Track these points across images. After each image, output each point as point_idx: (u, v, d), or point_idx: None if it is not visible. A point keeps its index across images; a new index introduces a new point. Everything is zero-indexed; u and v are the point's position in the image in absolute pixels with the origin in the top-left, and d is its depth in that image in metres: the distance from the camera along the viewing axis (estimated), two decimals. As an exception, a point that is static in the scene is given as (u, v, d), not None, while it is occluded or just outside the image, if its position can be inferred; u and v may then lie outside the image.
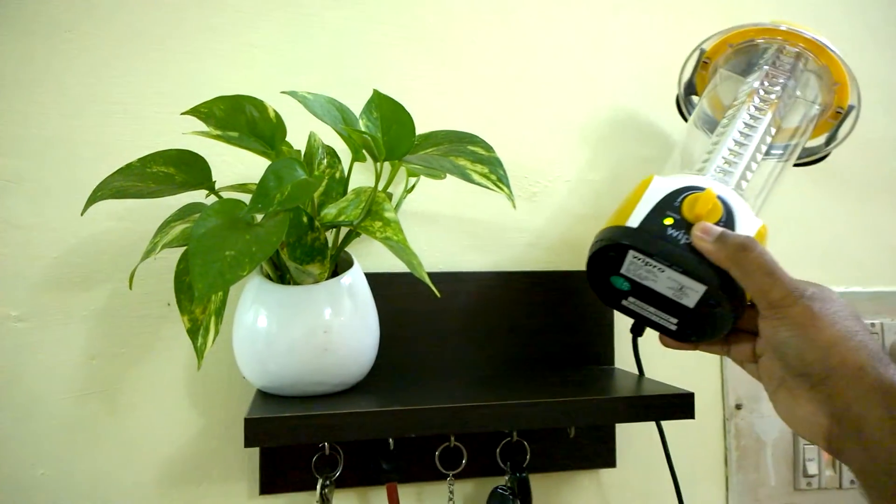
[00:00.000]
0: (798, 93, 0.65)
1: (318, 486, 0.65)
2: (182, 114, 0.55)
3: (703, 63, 0.71)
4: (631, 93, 0.79)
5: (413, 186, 0.69)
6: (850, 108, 0.61)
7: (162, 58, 0.69)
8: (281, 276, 0.61)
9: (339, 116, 0.59)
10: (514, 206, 0.56)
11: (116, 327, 0.67)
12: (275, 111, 0.56)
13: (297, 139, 0.61)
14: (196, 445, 0.68)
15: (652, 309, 0.59)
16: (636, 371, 0.69)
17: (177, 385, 0.68)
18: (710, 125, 0.72)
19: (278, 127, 0.56)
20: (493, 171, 0.54)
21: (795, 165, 0.71)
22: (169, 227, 0.57)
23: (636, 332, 0.65)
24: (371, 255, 0.72)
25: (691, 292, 0.54)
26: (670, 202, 0.55)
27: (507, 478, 0.70)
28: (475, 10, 0.76)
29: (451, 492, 0.69)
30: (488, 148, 0.56)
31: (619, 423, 0.74)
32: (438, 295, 0.54)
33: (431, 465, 0.69)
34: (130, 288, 0.62)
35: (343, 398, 0.59)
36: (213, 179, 0.58)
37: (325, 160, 0.62)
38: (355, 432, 0.54)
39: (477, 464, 0.70)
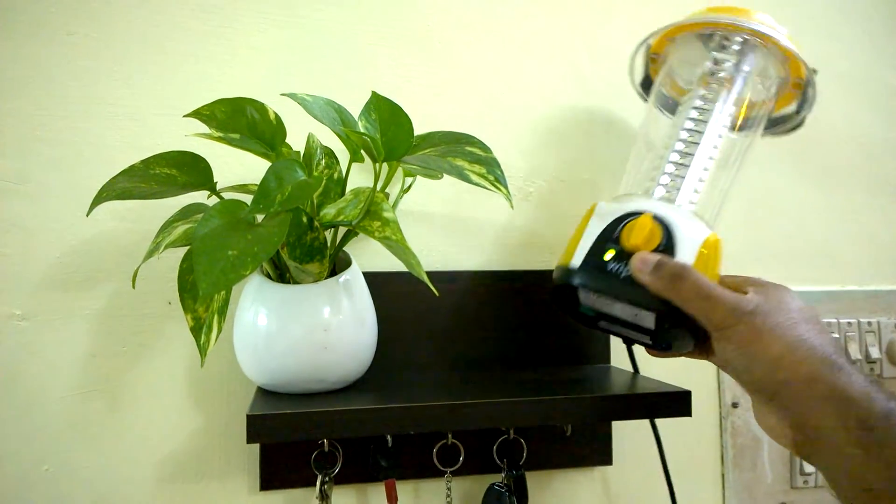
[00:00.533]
0: (747, 67, 0.65)
1: (318, 483, 0.66)
2: (184, 116, 0.56)
3: (653, 58, 0.71)
4: (625, 92, 0.80)
5: (410, 186, 0.70)
6: (811, 72, 0.61)
7: (162, 61, 0.70)
8: (281, 275, 0.62)
9: (338, 118, 0.60)
10: (512, 206, 0.57)
11: (118, 326, 0.68)
12: (275, 113, 0.57)
13: (295, 141, 0.61)
14: (197, 442, 0.68)
15: (624, 329, 0.61)
16: (632, 369, 0.70)
17: (177, 383, 0.68)
18: (670, 107, 0.72)
19: (278, 129, 0.57)
20: (491, 171, 0.55)
21: (774, 135, 0.71)
22: (171, 228, 0.58)
23: (626, 343, 0.67)
24: (368, 255, 0.72)
25: (646, 317, 0.56)
26: (610, 233, 0.56)
27: (503, 475, 0.71)
28: (471, 11, 0.77)
29: (449, 488, 0.70)
30: (486, 149, 0.57)
31: (617, 420, 0.75)
32: (437, 294, 0.55)
33: (429, 462, 0.70)
34: (133, 287, 0.62)
35: (342, 395, 0.60)
36: (215, 180, 0.58)
37: (324, 161, 0.63)
38: (354, 429, 0.55)
39: (474, 461, 0.71)
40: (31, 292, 0.66)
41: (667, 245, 0.54)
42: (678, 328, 0.55)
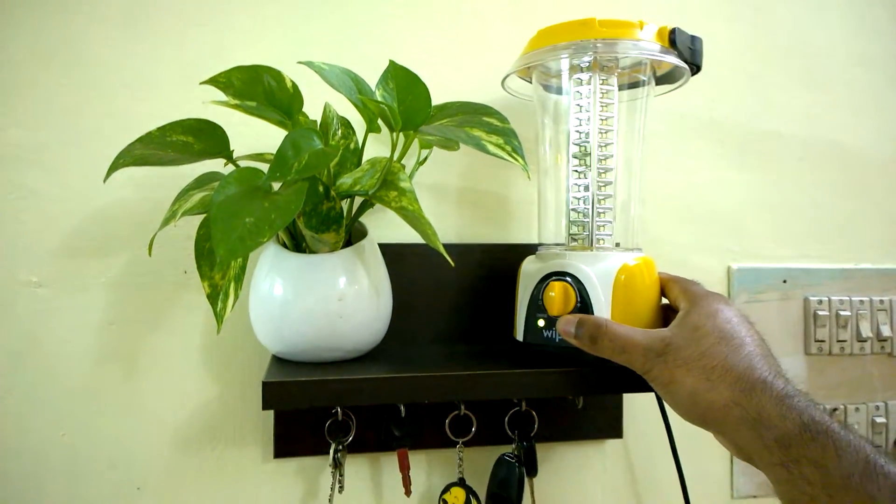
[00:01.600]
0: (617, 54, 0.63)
1: (331, 451, 0.66)
2: (201, 83, 0.55)
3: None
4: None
5: (426, 159, 0.70)
6: (673, 31, 0.60)
7: (178, 30, 0.70)
8: (297, 244, 0.62)
9: (354, 87, 0.60)
10: (529, 177, 0.57)
11: (134, 294, 0.68)
12: (292, 81, 0.57)
13: (311, 111, 0.61)
14: (212, 410, 0.69)
15: None
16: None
17: (193, 351, 0.69)
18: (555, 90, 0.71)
19: (295, 97, 0.57)
20: (508, 142, 0.54)
21: (674, 88, 0.70)
22: (188, 195, 0.58)
23: None
24: (383, 227, 0.73)
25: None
26: (536, 300, 0.61)
27: (514, 446, 0.71)
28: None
29: (461, 458, 0.71)
30: (503, 119, 0.56)
31: (627, 392, 0.75)
32: (452, 264, 0.55)
33: (441, 433, 0.70)
34: (150, 255, 0.63)
35: (356, 365, 0.60)
36: (231, 148, 0.58)
37: (340, 131, 0.63)
38: (368, 397, 0.56)
39: (486, 432, 0.72)
40: (48, 260, 0.67)
41: (582, 299, 0.58)
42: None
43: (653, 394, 0.74)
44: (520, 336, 0.63)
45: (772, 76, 0.85)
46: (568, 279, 0.59)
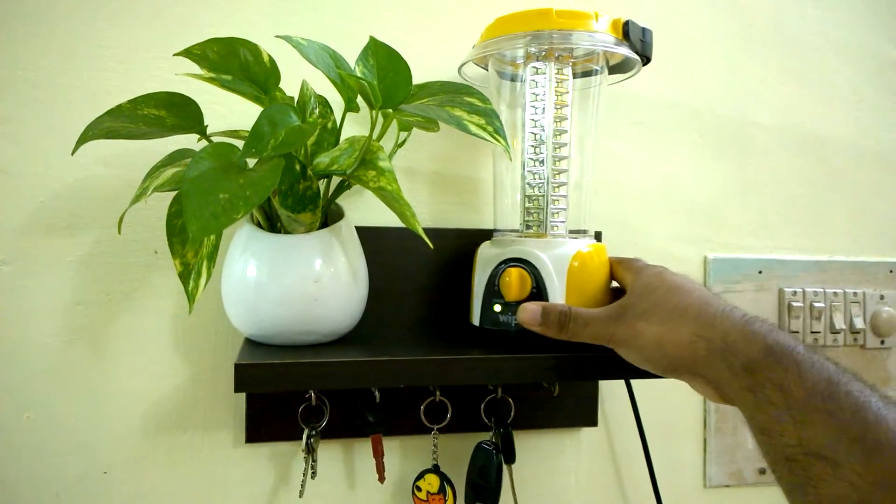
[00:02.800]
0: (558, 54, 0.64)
1: (304, 436, 0.65)
2: (175, 55, 0.54)
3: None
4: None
5: (404, 141, 0.69)
6: (626, 23, 0.62)
7: (151, 2, 0.68)
8: (272, 225, 0.60)
9: (333, 64, 0.58)
10: (511, 158, 0.56)
11: (103, 274, 0.66)
12: (269, 56, 0.55)
13: (288, 88, 0.60)
14: (182, 393, 0.68)
15: None
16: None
17: (163, 333, 0.67)
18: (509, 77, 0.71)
19: (272, 72, 0.56)
20: (490, 122, 0.53)
21: (626, 78, 0.71)
22: (159, 172, 0.57)
23: None
24: (360, 210, 0.71)
25: None
26: (492, 286, 0.61)
27: (491, 433, 0.71)
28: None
29: (435, 445, 0.70)
30: (485, 100, 0.55)
31: (601, 379, 0.75)
32: (431, 246, 0.54)
33: (416, 419, 0.70)
34: (119, 232, 0.61)
35: (331, 348, 0.59)
36: (206, 123, 0.57)
37: (318, 110, 0.62)
38: (342, 381, 0.55)
39: (461, 419, 0.71)
40: (14, 237, 0.64)
41: (538, 284, 0.59)
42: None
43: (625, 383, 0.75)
44: (476, 321, 0.64)
45: (752, 68, 0.85)
46: (524, 265, 0.60)
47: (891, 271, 0.88)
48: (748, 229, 0.84)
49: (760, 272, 0.84)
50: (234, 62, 0.54)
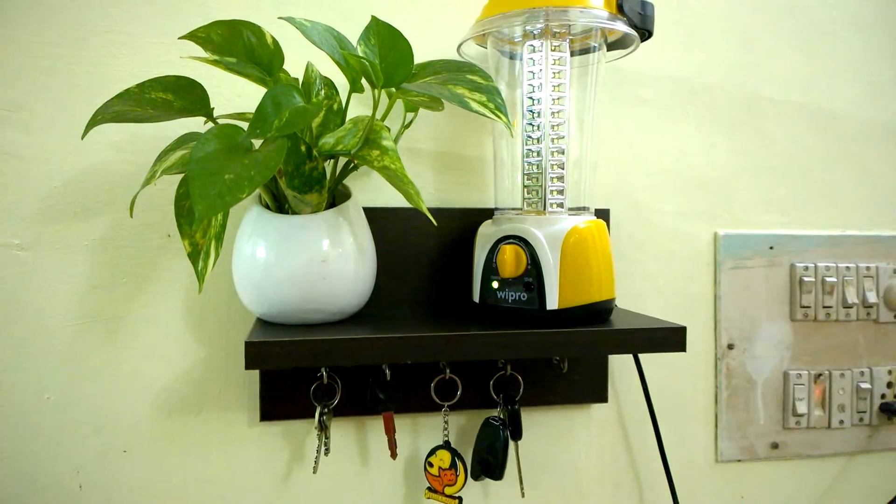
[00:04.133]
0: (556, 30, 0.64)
1: (317, 414, 0.67)
2: (179, 38, 0.54)
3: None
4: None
5: (411, 122, 0.69)
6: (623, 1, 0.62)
7: (159, -13, 0.68)
8: (279, 206, 0.61)
9: (336, 45, 0.59)
10: (512, 135, 0.56)
11: (117, 257, 0.68)
12: (272, 37, 0.56)
13: (293, 71, 0.61)
14: (196, 374, 0.69)
15: None
16: (633, 309, 0.70)
17: (177, 315, 0.69)
18: (508, 54, 0.71)
19: (276, 53, 0.56)
20: (492, 99, 0.54)
21: (626, 55, 0.71)
22: (167, 155, 0.58)
23: None
24: (367, 191, 0.72)
25: None
26: (490, 263, 0.63)
27: (498, 409, 0.71)
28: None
29: (446, 422, 0.71)
30: (486, 77, 0.56)
31: (612, 354, 0.75)
32: (435, 223, 0.55)
33: (427, 397, 0.71)
34: (131, 216, 0.62)
35: (340, 327, 0.60)
36: (212, 106, 0.58)
37: (323, 91, 0.62)
38: (352, 357, 0.56)
39: (471, 396, 0.72)
40: (30, 222, 0.66)
41: (532, 262, 0.60)
42: None
43: (634, 359, 0.75)
44: (476, 297, 0.65)
45: (763, 41, 0.84)
46: (519, 242, 0.61)
47: (905, 245, 0.87)
48: (759, 205, 0.84)
49: (772, 248, 0.83)
50: (239, 44, 0.55)
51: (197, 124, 0.62)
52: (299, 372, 0.69)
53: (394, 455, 0.68)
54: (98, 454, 0.67)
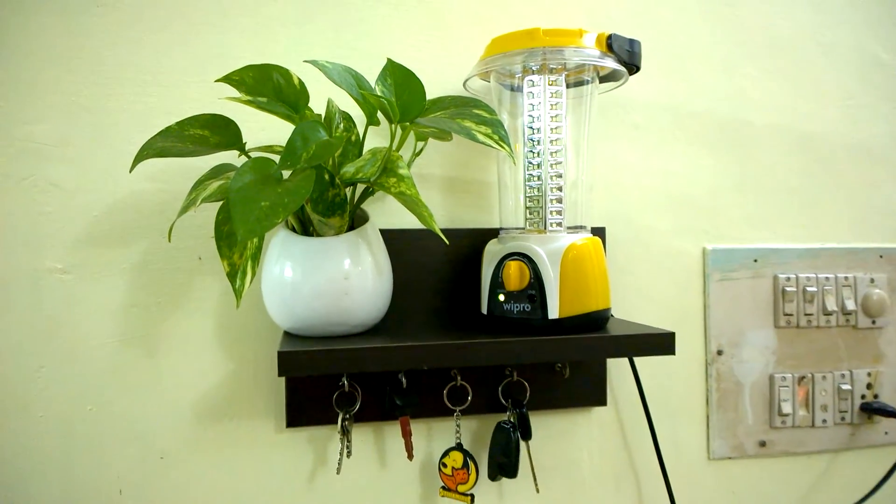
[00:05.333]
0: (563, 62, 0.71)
1: (339, 420, 0.72)
2: (216, 81, 0.61)
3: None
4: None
5: (421, 150, 0.76)
6: (610, 37, 0.69)
7: (187, 31, 0.75)
8: (305, 229, 0.67)
9: (355, 83, 0.65)
10: (515, 163, 0.62)
11: (153, 279, 0.74)
12: (298, 79, 0.63)
13: (314, 106, 0.67)
14: (228, 385, 0.75)
15: None
16: (629, 319, 0.76)
17: (209, 331, 0.75)
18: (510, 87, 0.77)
19: (302, 93, 0.63)
20: (496, 131, 0.60)
21: (616, 87, 0.78)
22: (205, 184, 0.64)
23: None
24: (383, 214, 0.78)
25: None
26: (496, 278, 0.69)
27: (508, 413, 0.77)
28: (477, -15, 0.82)
29: (458, 425, 0.77)
30: (491, 111, 0.62)
31: (606, 358, 0.81)
32: (447, 243, 0.61)
33: (440, 402, 0.77)
34: (170, 241, 0.68)
35: (361, 338, 0.66)
36: (244, 141, 0.64)
37: (342, 124, 0.69)
38: (372, 364, 0.61)
39: (480, 401, 0.78)
40: (72, 248, 0.72)
41: (535, 276, 0.66)
42: None
43: (629, 364, 0.81)
44: (484, 309, 0.71)
45: (744, 69, 0.91)
46: (523, 258, 0.67)
47: (881, 256, 0.93)
48: (744, 221, 0.90)
49: (756, 260, 0.89)
50: (269, 85, 0.62)
51: (229, 155, 0.69)
52: (322, 381, 0.75)
53: (410, 457, 0.74)
54: (137, 461, 0.73)
